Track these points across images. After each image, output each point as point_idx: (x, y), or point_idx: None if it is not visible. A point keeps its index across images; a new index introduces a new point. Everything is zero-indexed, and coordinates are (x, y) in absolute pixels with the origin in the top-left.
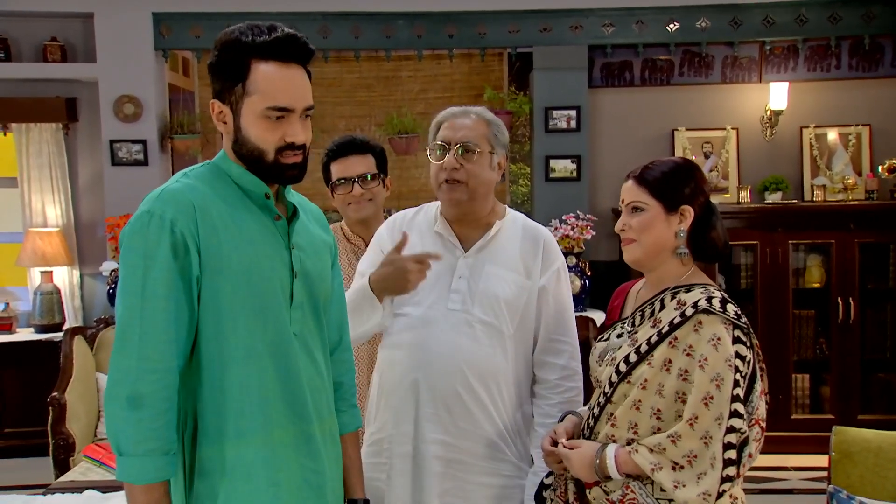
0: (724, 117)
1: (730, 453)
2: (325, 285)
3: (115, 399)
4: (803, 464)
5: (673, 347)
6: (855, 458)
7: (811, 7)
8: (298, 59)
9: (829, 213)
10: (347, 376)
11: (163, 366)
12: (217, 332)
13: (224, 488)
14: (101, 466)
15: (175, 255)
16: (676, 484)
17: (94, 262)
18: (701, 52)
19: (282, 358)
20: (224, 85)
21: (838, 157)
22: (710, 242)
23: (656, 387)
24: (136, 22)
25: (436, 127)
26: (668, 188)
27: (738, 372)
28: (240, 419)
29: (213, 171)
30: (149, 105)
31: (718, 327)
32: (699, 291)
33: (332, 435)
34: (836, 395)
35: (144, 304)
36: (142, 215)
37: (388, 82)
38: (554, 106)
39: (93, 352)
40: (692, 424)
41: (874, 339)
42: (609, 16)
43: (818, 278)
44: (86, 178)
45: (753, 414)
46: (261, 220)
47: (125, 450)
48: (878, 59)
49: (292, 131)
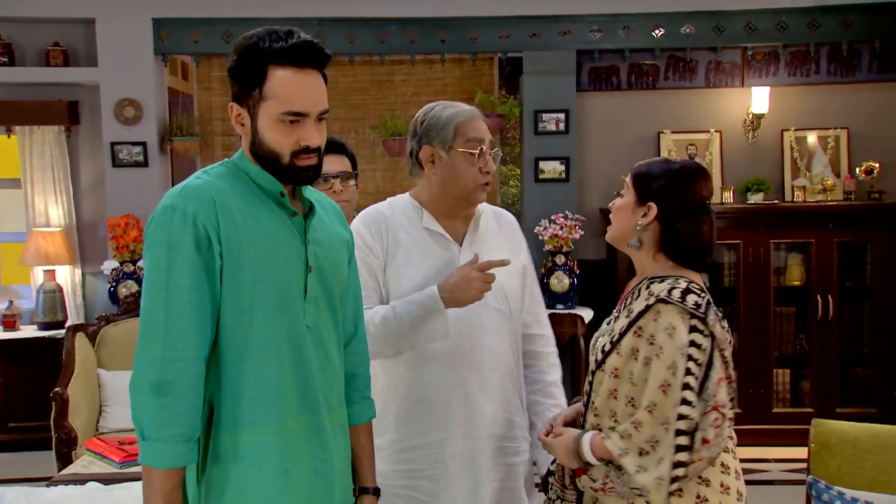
0: (708, 120)
1: (680, 440)
2: (341, 280)
3: (140, 386)
4: (784, 456)
5: (638, 336)
6: (833, 450)
7: (791, 14)
8: (315, 64)
9: (808, 213)
10: (362, 367)
11: (188, 354)
12: (236, 324)
13: (236, 474)
14: (103, 460)
15: (198, 248)
16: (638, 468)
17: (96, 261)
18: (685, 57)
19: (296, 350)
20: (242, 89)
21: (818, 160)
22: (682, 241)
23: (627, 375)
24: (136, 27)
25: (461, 126)
26: (643, 181)
27: (693, 360)
28: (255, 408)
29: (231, 169)
30: (149, 108)
31: (674, 317)
32: (668, 283)
33: (342, 426)
34: (816, 390)
35: (169, 294)
36: (165, 209)
37: (382, 86)
38: (543, 109)
39: (94, 348)
40: (651, 411)
41: (852, 336)
42: (596, 22)
43: (798, 276)
44: (87, 179)
45: (710, 401)
46: (278, 216)
47: (148, 435)
48: (856, 65)
49: (307, 135)
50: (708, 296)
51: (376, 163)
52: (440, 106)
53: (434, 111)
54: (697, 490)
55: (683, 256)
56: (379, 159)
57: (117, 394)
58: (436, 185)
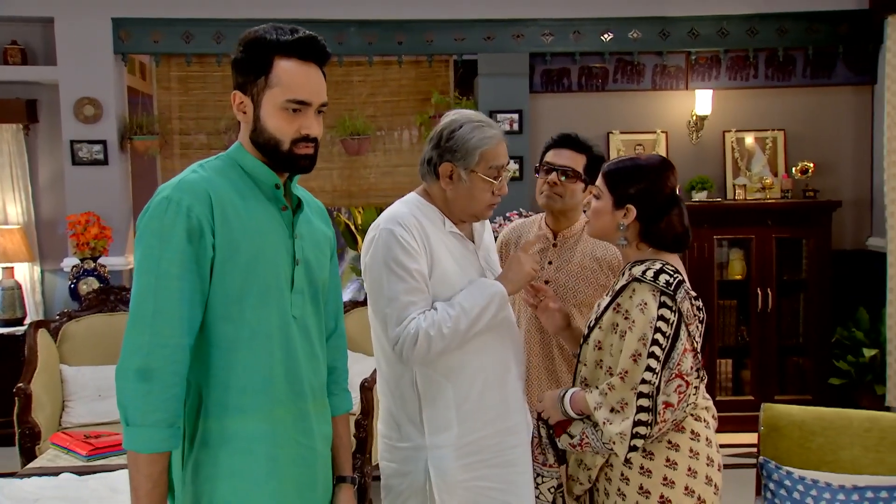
0: (655, 121)
1: (642, 401)
2: (324, 274)
3: (126, 371)
4: (727, 441)
5: (617, 312)
6: (782, 432)
7: (732, 21)
8: (316, 59)
9: (749, 210)
10: (341, 361)
11: (174, 342)
12: (227, 314)
13: (225, 459)
14: (69, 453)
15: (190, 239)
16: (605, 421)
17: (55, 258)
18: (633, 60)
19: (284, 339)
20: (247, 78)
21: (757, 160)
22: (661, 233)
23: (608, 347)
24: (95, 26)
25: (486, 154)
26: (618, 185)
27: (660, 332)
28: (244, 396)
29: (227, 162)
30: (108, 107)
31: (647, 294)
32: (646, 265)
33: (324, 414)
34: (756, 378)
35: (158, 282)
36: (160, 201)
37: (339, 86)
38: (498, 110)
39: (56, 344)
40: (623, 378)
41: (789, 326)
42: (549, 26)
43: (740, 271)
44: (46, 176)
45: (674, 369)
46: (269, 210)
47: (133, 420)
48: (791, 70)
49: (308, 124)
50: (680, 276)
51: (333, 162)
52: (469, 125)
53: (462, 131)
54: (667, 454)
55: (664, 244)
56: (336, 158)
57: (80, 389)
58: (451, 198)
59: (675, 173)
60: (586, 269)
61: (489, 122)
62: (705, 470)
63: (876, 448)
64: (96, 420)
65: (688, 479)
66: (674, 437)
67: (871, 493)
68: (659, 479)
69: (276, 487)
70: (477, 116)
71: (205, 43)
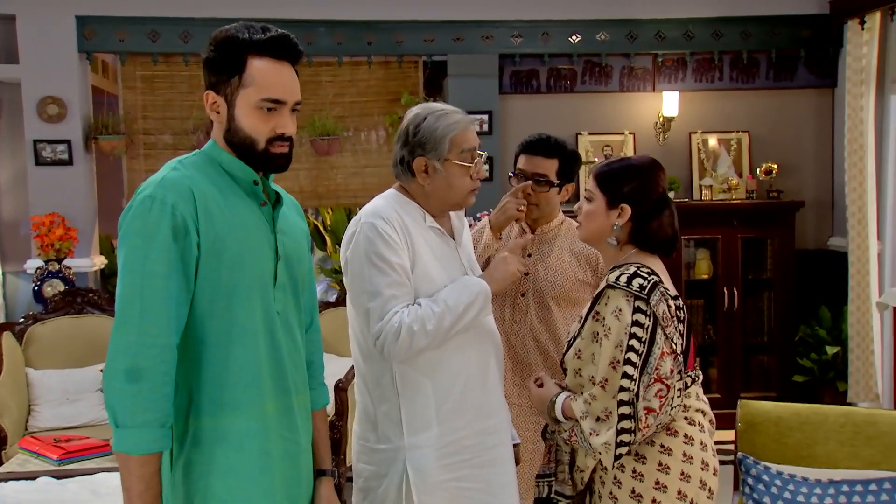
0: (623, 123)
1: (623, 409)
2: (304, 268)
3: (114, 372)
4: None
5: (596, 321)
6: (759, 428)
7: (697, 24)
8: (289, 57)
9: (715, 211)
10: (317, 356)
11: (162, 341)
12: (216, 311)
13: (219, 457)
14: (40, 458)
15: (175, 237)
16: (592, 432)
17: (18, 260)
18: (601, 62)
19: (269, 335)
20: (220, 77)
21: (722, 161)
22: (652, 234)
23: (589, 356)
24: (59, 25)
25: (456, 139)
26: (612, 185)
27: (636, 338)
28: (236, 392)
29: (204, 159)
30: (73, 106)
31: (621, 300)
32: (621, 269)
33: (307, 408)
34: (722, 376)
35: (144, 281)
36: (144, 199)
37: (308, 86)
38: (468, 110)
39: (22, 347)
40: (603, 387)
41: (754, 325)
42: (518, 27)
43: (706, 270)
44: (7, 177)
45: (653, 374)
46: (249, 206)
47: (122, 422)
48: (755, 73)
49: (283, 123)
50: (655, 278)
51: (301, 162)
52: (432, 116)
53: (427, 122)
54: (660, 458)
55: (652, 246)
56: (304, 159)
57: (47, 392)
58: (430, 192)
59: (665, 174)
60: (564, 262)
61: (452, 108)
62: (699, 474)
63: (850, 442)
64: (64, 424)
65: (681, 484)
66: (666, 441)
67: (846, 487)
68: (651, 483)
69: (268, 483)
70: (439, 106)
71: (171, 42)
